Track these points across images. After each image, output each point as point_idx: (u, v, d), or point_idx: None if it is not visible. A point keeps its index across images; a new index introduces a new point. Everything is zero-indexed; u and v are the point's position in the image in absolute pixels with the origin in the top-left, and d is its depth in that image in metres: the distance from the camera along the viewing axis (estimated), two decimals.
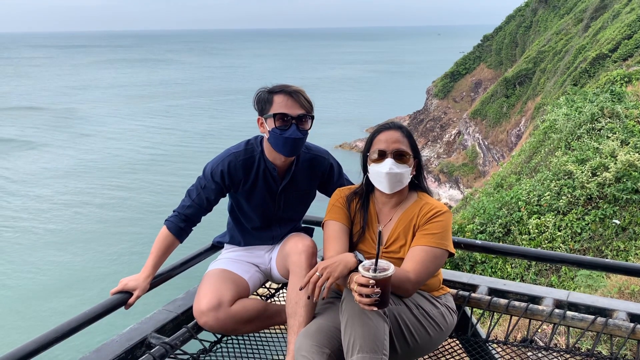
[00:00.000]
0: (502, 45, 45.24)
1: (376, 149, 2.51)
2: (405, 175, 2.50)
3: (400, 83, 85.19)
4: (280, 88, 2.68)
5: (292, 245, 2.71)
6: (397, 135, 2.53)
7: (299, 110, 2.65)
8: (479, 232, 10.63)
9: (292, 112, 2.63)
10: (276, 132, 2.64)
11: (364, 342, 2.09)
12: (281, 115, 2.63)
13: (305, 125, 2.69)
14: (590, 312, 2.67)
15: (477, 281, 2.95)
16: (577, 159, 11.17)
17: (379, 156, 2.49)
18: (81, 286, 22.25)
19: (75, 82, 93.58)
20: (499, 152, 32.83)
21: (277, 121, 2.64)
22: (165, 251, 2.79)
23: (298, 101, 2.64)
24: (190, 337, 2.65)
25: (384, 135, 2.53)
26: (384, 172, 2.46)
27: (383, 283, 2.03)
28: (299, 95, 2.65)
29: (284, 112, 2.63)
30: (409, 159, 2.51)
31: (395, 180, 2.48)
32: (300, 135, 2.65)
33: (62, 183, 37.45)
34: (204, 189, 2.80)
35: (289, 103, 2.64)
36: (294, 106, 2.64)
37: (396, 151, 2.48)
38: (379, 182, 2.51)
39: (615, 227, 9.95)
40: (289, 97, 2.64)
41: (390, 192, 2.51)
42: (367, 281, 2.01)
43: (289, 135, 2.63)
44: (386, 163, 2.46)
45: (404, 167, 2.48)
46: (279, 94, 2.66)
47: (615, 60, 21.47)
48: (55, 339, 2.26)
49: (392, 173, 2.45)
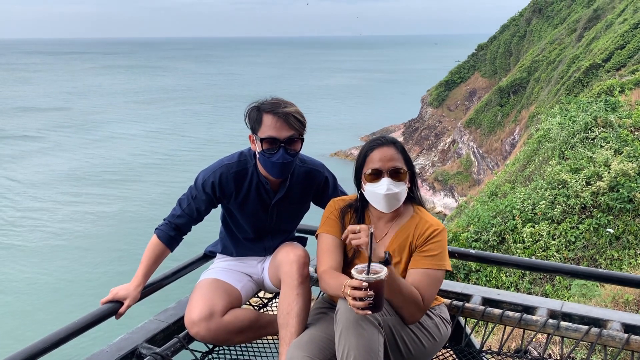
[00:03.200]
0: (496, 55, 45.50)
1: (370, 167, 2.44)
2: (402, 193, 2.45)
3: (396, 91, 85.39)
4: (271, 107, 2.58)
5: (283, 255, 2.69)
6: (392, 152, 2.45)
7: (288, 132, 2.56)
8: (474, 240, 10.63)
9: (280, 135, 2.55)
10: (264, 155, 2.60)
11: (358, 353, 2.07)
12: (269, 140, 2.56)
13: (295, 147, 2.61)
14: (584, 323, 2.65)
15: (471, 291, 2.93)
16: (571, 168, 11.20)
17: (375, 175, 2.42)
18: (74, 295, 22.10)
19: (74, 88, 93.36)
20: (493, 161, 32.93)
21: (264, 144, 2.57)
22: (155, 260, 2.75)
23: (287, 122, 2.55)
24: (182, 347, 2.62)
25: (378, 153, 2.44)
26: (381, 193, 2.40)
27: (376, 286, 2.01)
28: (288, 117, 2.55)
29: (272, 136, 2.56)
30: (405, 176, 2.46)
31: (394, 199, 2.43)
32: (288, 159, 2.59)
33: (66, 186, 37.68)
34: (195, 200, 2.76)
35: (278, 125, 2.55)
36: (282, 128, 2.55)
37: (392, 169, 2.42)
38: (377, 202, 2.45)
39: (609, 236, 9.97)
40: (278, 119, 2.55)
41: (388, 211, 2.46)
42: (360, 284, 1.98)
43: (276, 160, 2.58)
44: (383, 183, 2.40)
45: (401, 185, 2.43)
46: (268, 114, 2.57)
47: (609, 70, 21.61)
48: (44, 349, 2.22)
49: (390, 194, 2.40)
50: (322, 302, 2.70)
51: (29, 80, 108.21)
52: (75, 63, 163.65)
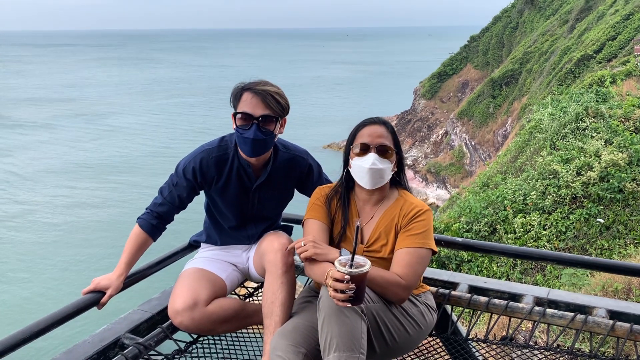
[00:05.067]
0: (488, 46, 45.48)
1: (359, 142, 2.47)
2: (387, 171, 2.46)
3: (389, 83, 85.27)
4: (250, 85, 2.62)
5: (268, 243, 2.67)
6: (381, 130, 2.49)
7: (263, 110, 2.57)
8: (465, 231, 10.66)
9: (255, 112, 2.56)
10: (239, 131, 2.61)
11: (340, 341, 2.05)
12: (243, 115, 2.58)
13: (269, 127, 2.60)
14: (570, 310, 2.65)
15: (458, 279, 2.92)
16: (562, 159, 11.23)
17: (362, 150, 2.45)
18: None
19: (67, 80, 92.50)
20: (485, 152, 33.01)
21: (238, 120, 2.59)
22: (138, 249, 2.72)
23: (264, 101, 2.56)
24: (165, 337, 2.59)
25: (368, 130, 2.49)
26: (366, 167, 2.42)
27: (359, 279, 1.99)
28: (266, 95, 2.57)
29: (246, 112, 2.57)
30: (392, 155, 2.47)
31: (377, 175, 2.43)
32: (260, 137, 2.58)
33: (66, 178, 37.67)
34: (176, 187, 2.74)
35: (254, 102, 2.56)
36: (257, 106, 2.56)
37: (380, 146, 2.44)
38: (361, 177, 2.46)
39: (600, 225, 10.02)
40: (254, 96, 2.57)
41: (371, 187, 2.46)
42: (342, 276, 1.97)
43: (248, 136, 2.57)
44: (369, 158, 2.42)
45: (386, 163, 2.44)
46: (247, 91, 2.60)
47: (600, 61, 21.66)
48: (23, 340, 2.18)
49: (375, 168, 2.41)
50: (307, 290, 2.69)
51: (21, 72, 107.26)
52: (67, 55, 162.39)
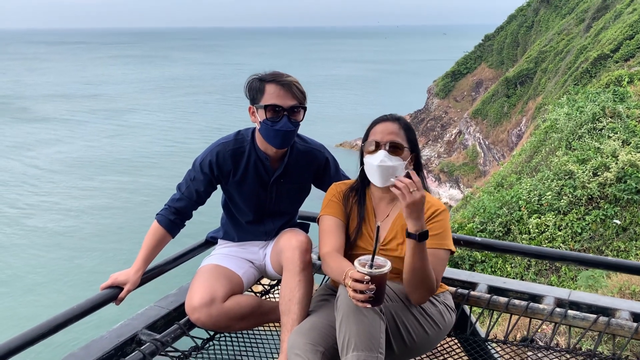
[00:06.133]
0: (503, 45, 45.10)
1: (372, 140, 2.45)
2: (398, 169, 2.40)
3: (403, 82, 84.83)
4: (272, 77, 2.60)
5: (285, 240, 2.65)
6: (394, 127, 2.45)
7: (291, 101, 2.57)
8: (479, 231, 10.58)
9: (284, 104, 2.56)
10: (267, 124, 2.58)
11: (359, 340, 2.03)
12: (272, 107, 2.56)
13: (297, 117, 2.62)
14: (592, 312, 2.60)
15: (477, 279, 2.88)
16: (578, 159, 11.11)
17: (374, 147, 2.43)
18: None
19: (84, 77, 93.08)
20: (499, 152, 32.75)
21: (268, 112, 2.57)
22: (156, 245, 2.71)
23: (290, 92, 2.57)
24: (182, 334, 2.58)
25: (380, 127, 2.46)
26: (375, 164, 2.39)
27: (379, 280, 1.97)
28: (291, 86, 2.57)
29: (276, 104, 2.56)
30: (404, 152, 2.43)
31: (387, 173, 2.39)
32: (291, 128, 2.59)
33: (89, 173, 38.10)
34: (193, 181, 2.74)
35: (281, 94, 2.56)
36: (286, 97, 2.56)
37: (390, 143, 2.40)
38: (372, 174, 2.44)
39: (616, 227, 9.89)
40: (281, 88, 2.56)
41: (381, 185, 2.43)
42: (362, 277, 1.95)
43: (280, 128, 2.57)
44: (379, 155, 2.39)
45: (397, 160, 2.39)
46: (271, 83, 2.58)
47: (617, 61, 21.37)
48: (41, 334, 2.18)
49: (384, 166, 2.37)
50: (324, 288, 2.67)
51: (38, 70, 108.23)
52: (82, 53, 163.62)
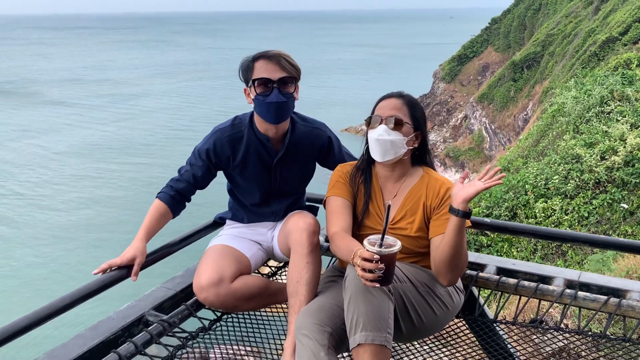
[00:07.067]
0: (510, 29, 44.66)
1: (374, 115, 2.48)
2: (398, 144, 2.40)
3: (409, 66, 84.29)
4: (260, 54, 2.62)
5: (293, 223, 2.63)
6: (396, 103, 2.47)
7: (280, 73, 2.56)
8: (485, 216, 10.55)
9: (273, 76, 2.55)
10: (259, 99, 2.58)
11: (367, 320, 2.02)
12: (261, 80, 2.56)
13: (289, 89, 2.60)
14: (602, 293, 2.57)
15: (485, 260, 2.85)
16: (586, 143, 11.02)
17: (375, 122, 2.45)
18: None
19: (90, 62, 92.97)
20: (505, 137, 32.58)
21: (258, 88, 2.57)
22: (156, 218, 2.69)
23: (279, 64, 2.56)
24: (189, 315, 2.57)
25: (384, 103, 2.50)
26: (374, 138, 2.42)
27: (388, 259, 1.95)
28: (279, 58, 2.56)
29: (264, 77, 2.55)
30: (404, 128, 2.42)
31: (385, 147, 2.40)
32: (283, 99, 2.57)
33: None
34: (192, 167, 2.77)
35: (269, 67, 2.55)
36: (274, 70, 2.55)
37: (390, 117, 2.42)
38: (372, 148, 2.46)
39: (623, 211, 9.83)
40: (268, 61, 2.56)
41: (380, 160, 2.44)
42: (371, 256, 1.93)
43: (271, 100, 2.55)
44: (378, 129, 2.41)
45: (396, 135, 2.39)
46: (259, 59, 2.59)
47: (626, 44, 21.10)
48: (49, 314, 2.18)
49: (382, 140, 2.39)
50: (332, 270, 2.66)
51: (44, 54, 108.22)
52: (87, 38, 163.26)
